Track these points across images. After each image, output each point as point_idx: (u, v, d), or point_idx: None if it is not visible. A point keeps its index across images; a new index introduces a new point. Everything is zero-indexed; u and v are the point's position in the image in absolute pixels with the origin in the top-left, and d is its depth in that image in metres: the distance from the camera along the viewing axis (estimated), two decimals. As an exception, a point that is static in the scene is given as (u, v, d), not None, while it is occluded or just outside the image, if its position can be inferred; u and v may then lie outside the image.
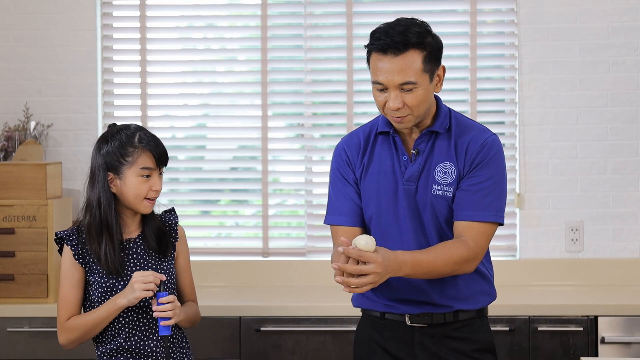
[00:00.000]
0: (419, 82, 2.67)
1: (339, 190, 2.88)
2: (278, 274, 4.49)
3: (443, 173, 2.78)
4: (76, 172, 4.51)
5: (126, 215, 2.95)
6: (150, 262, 2.95)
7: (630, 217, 4.42)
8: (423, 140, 2.81)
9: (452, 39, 4.56)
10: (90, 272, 2.92)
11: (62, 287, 2.95)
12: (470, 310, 2.85)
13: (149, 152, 2.89)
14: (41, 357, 3.93)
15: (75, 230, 2.94)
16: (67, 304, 2.93)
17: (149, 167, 2.89)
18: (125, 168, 2.88)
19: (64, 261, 2.95)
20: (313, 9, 4.59)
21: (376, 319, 2.90)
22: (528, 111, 4.45)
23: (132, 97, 4.63)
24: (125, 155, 2.88)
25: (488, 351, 2.89)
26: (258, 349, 3.88)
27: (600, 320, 3.82)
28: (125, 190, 2.89)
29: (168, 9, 4.65)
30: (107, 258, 2.88)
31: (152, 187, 2.90)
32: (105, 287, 2.90)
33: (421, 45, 2.67)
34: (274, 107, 4.63)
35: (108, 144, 2.91)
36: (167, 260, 2.99)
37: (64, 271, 2.94)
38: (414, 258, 2.66)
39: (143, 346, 2.92)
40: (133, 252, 2.95)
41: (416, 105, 2.70)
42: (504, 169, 2.81)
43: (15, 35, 4.55)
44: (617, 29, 4.41)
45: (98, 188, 2.91)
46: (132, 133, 2.91)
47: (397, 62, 2.66)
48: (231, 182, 4.68)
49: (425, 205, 2.79)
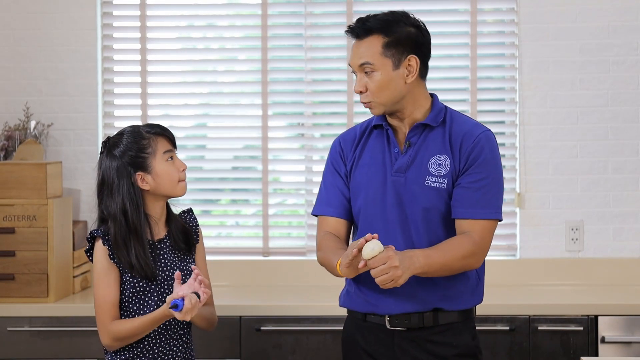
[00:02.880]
0: (376, 64, 2.78)
1: (329, 181, 2.94)
2: (278, 273, 4.49)
3: (437, 165, 2.82)
4: (76, 171, 4.51)
5: (153, 216, 2.94)
6: (177, 262, 2.96)
7: (631, 217, 4.42)
8: (415, 133, 2.85)
9: (453, 39, 4.56)
10: (123, 273, 2.89)
11: (99, 287, 2.88)
12: (451, 311, 2.84)
13: (161, 136, 2.92)
14: (41, 356, 3.94)
15: (106, 231, 2.90)
16: (106, 304, 2.87)
17: (169, 150, 2.92)
18: (150, 159, 2.89)
19: (99, 260, 2.88)
20: (313, 8, 4.59)
21: (359, 321, 2.90)
22: (528, 111, 4.45)
23: (132, 96, 4.63)
24: (144, 149, 2.89)
25: (470, 356, 2.87)
26: (258, 348, 3.88)
27: (601, 320, 3.82)
28: (160, 180, 2.89)
29: (168, 9, 4.65)
30: (140, 262, 2.86)
31: (179, 167, 2.93)
32: (138, 287, 2.89)
33: (383, 31, 2.79)
34: (274, 106, 4.63)
35: (119, 148, 2.90)
36: (190, 260, 3.00)
37: (100, 270, 2.88)
38: (423, 251, 2.72)
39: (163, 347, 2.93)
40: (163, 252, 2.94)
41: (377, 90, 2.79)
42: (500, 165, 2.86)
43: (16, 35, 4.55)
44: (617, 29, 4.41)
45: (121, 195, 2.88)
46: (136, 130, 2.93)
47: (360, 46, 2.80)
48: (231, 181, 4.68)
49: (413, 197, 2.81)
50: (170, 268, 2.94)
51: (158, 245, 2.94)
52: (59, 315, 3.95)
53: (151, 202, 2.93)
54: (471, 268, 2.81)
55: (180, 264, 2.97)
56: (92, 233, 2.91)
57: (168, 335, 2.93)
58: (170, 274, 2.93)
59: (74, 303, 4.06)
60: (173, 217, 2.99)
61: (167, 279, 2.92)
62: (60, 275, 4.08)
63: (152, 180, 2.89)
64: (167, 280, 2.92)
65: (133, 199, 2.88)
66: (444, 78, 4.56)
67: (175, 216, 3.01)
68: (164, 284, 2.92)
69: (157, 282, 2.90)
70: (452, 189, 2.81)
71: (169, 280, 2.92)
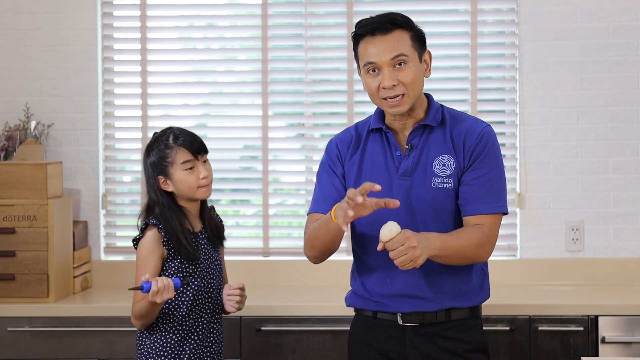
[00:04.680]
0: (410, 56, 2.78)
1: (325, 180, 2.94)
2: (278, 273, 4.49)
3: (442, 166, 2.82)
4: (77, 171, 4.51)
5: (189, 210, 3.22)
6: (211, 253, 3.24)
7: (631, 217, 4.42)
8: (416, 135, 2.85)
9: (453, 39, 4.56)
10: (172, 259, 3.14)
11: (139, 272, 3.10)
12: (462, 308, 2.86)
13: (183, 147, 3.16)
14: (42, 356, 3.94)
15: (159, 220, 3.16)
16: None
17: (188, 160, 3.17)
18: (170, 168, 3.17)
19: (144, 249, 3.13)
20: (313, 8, 4.59)
21: (368, 318, 2.91)
22: (528, 111, 4.45)
23: (132, 96, 4.63)
24: (166, 158, 3.17)
25: (481, 351, 2.89)
26: (258, 348, 3.89)
27: (601, 320, 3.82)
28: (178, 187, 3.17)
29: (168, 9, 4.65)
30: (187, 239, 3.13)
31: (199, 175, 3.17)
32: (182, 274, 3.13)
33: (407, 26, 2.80)
34: (275, 106, 4.63)
35: (151, 154, 3.20)
36: (218, 253, 3.30)
37: (143, 259, 3.12)
38: (439, 235, 2.73)
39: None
40: (202, 243, 3.21)
41: (410, 82, 2.78)
42: (502, 158, 2.89)
43: (16, 35, 4.55)
44: (617, 29, 4.41)
45: (153, 189, 3.20)
46: (167, 137, 3.19)
47: (387, 40, 2.78)
48: (231, 181, 4.68)
49: (421, 200, 2.81)
50: (208, 258, 3.21)
51: (199, 235, 3.21)
52: (59, 316, 3.95)
53: (180, 199, 3.21)
54: (480, 260, 2.83)
55: (214, 256, 3.25)
56: (147, 222, 3.16)
57: (208, 319, 3.21)
58: (208, 264, 3.21)
59: (74, 303, 4.06)
60: (207, 213, 3.28)
61: (205, 268, 3.20)
62: (60, 276, 4.08)
63: (173, 185, 3.19)
64: (206, 269, 3.20)
65: (158, 196, 3.18)
66: (444, 78, 4.56)
67: (209, 212, 3.29)
68: (204, 271, 3.19)
69: (198, 272, 3.17)
70: (459, 187, 2.82)
71: (207, 269, 3.20)
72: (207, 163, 3.23)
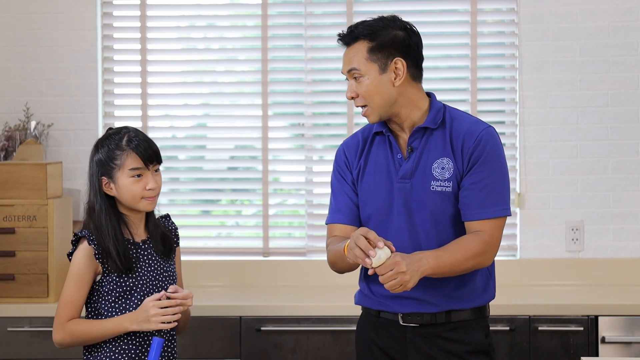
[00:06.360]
0: (362, 70, 2.81)
1: (337, 189, 2.95)
2: (278, 273, 4.49)
3: (440, 169, 2.82)
4: (77, 171, 4.51)
5: (131, 218, 2.95)
6: (159, 264, 2.97)
7: (631, 217, 4.42)
8: (416, 138, 2.85)
9: (453, 39, 4.56)
10: (108, 273, 2.89)
11: (69, 286, 2.90)
12: (464, 310, 2.85)
13: (134, 153, 2.89)
14: (41, 357, 3.94)
15: (94, 229, 2.93)
16: (70, 303, 2.91)
17: (137, 168, 2.89)
18: (116, 171, 2.89)
19: (77, 259, 2.90)
20: (313, 8, 4.59)
21: (373, 317, 2.93)
22: (528, 111, 4.45)
23: (132, 97, 4.63)
24: (114, 159, 2.89)
25: (482, 353, 2.88)
26: (258, 348, 3.88)
27: (601, 320, 3.82)
28: (121, 192, 2.90)
29: (168, 9, 4.65)
30: (118, 250, 2.87)
31: (145, 185, 2.90)
32: (121, 288, 2.89)
33: (368, 37, 2.81)
34: (274, 106, 4.63)
35: (99, 151, 2.93)
36: (171, 263, 3.02)
37: (75, 270, 2.90)
38: (433, 252, 2.72)
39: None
40: (146, 254, 2.95)
41: (367, 95, 2.81)
42: (504, 160, 2.85)
43: (16, 35, 4.55)
44: (617, 29, 4.41)
45: (94, 188, 2.94)
46: (121, 136, 2.92)
47: (347, 53, 2.85)
48: (231, 181, 4.68)
49: (421, 202, 2.81)
50: (152, 270, 2.94)
51: (142, 245, 2.95)
52: (59, 316, 3.95)
53: (121, 205, 2.95)
54: (482, 266, 2.82)
55: (162, 266, 2.98)
56: (77, 234, 2.94)
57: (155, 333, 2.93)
58: (152, 276, 2.93)
59: (74, 303, 4.06)
60: (153, 222, 3.00)
61: (149, 281, 2.93)
62: (60, 276, 4.08)
63: (115, 190, 2.92)
64: (151, 281, 2.93)
65: (99, 199, 2.93)
66: (444, 78, 4.56)
67: (156, 221, 3.01)
68: (147, 284, 2.92)
69: (139, 285, 2.91)
70: (458, 191, 2.81)
71: (152, 282, 2.93)
72: (158, 174, 2.95)
